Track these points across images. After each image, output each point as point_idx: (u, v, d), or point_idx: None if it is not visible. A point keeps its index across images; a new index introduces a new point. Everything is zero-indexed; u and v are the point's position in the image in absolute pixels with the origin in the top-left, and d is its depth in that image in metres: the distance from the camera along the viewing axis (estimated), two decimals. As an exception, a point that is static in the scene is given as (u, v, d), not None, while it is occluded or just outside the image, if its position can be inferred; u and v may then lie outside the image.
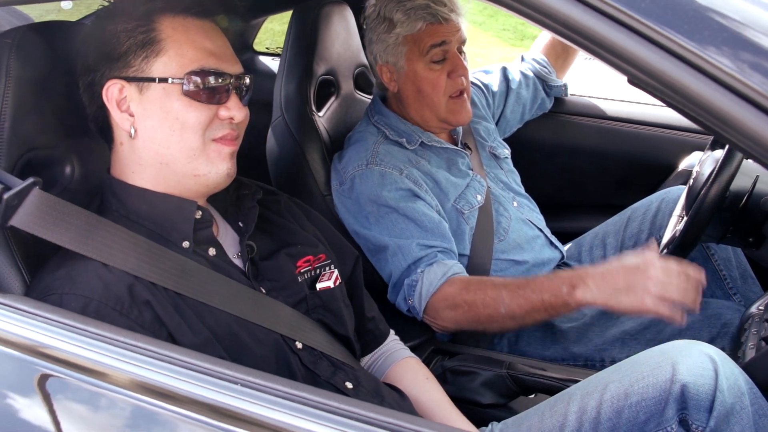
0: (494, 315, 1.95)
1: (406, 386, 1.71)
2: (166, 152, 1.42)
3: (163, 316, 1.32)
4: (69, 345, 1.14)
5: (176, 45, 1.41)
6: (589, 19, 0.81)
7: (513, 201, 2.47)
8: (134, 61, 1.40)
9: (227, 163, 1.47)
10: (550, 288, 1.88)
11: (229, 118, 1.45)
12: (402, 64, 2.27)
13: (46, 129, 1.51)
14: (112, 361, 1.12)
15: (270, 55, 3.56)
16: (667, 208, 2.49)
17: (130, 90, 1.41)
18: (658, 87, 0.81)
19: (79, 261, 1.32)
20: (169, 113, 1.41)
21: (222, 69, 1.44)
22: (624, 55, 0.81)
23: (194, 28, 1.44)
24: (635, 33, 0.80)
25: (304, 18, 2.38)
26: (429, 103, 2.28)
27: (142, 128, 1.42)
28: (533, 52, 2.89)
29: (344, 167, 2.23)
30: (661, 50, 0.79)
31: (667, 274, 1.72)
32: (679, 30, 0.79)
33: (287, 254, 1.62)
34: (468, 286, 2.01)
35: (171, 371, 1.09)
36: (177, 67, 1.41)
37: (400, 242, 2.09)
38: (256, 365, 1.39)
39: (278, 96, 2.38)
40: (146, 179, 1.46)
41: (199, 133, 1.42)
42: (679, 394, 1.36)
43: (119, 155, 1.48)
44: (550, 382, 1.82)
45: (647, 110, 2.95)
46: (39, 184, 1.31)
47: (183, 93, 1.40)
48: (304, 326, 1.54)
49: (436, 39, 2.22)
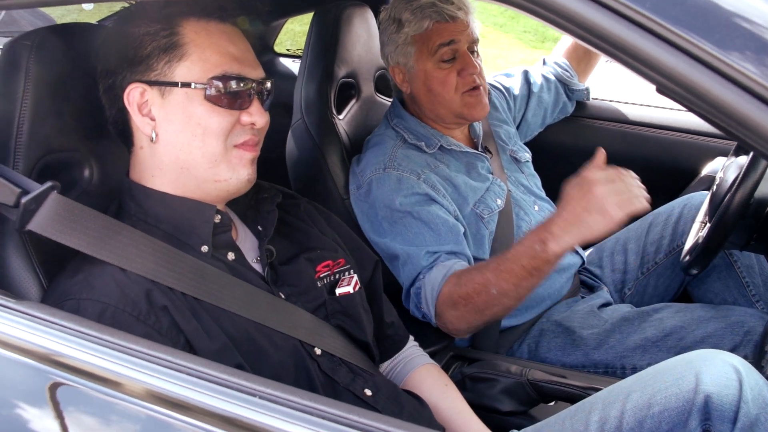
0: (489, 299, 1.91)
1: (425, 393, 1.70)
2: (187, 157, 1.42)
3: (181, 322, 1.32)
4: (82, 353, 1.13)
5: (199, 49, 1.40)
6: (617, 26, 0.79)
7: (534, 205, 2.44)
8: (157, 64, 1.40)
9: (248, 169, 1.46)
10: (524, 252, 1.83)
11: (251, 124, 1.45)
12: (412, 64, 2.26)
13: (65, 131, 1.50)
14: (125, 370, 1.11)
15: (291, 57, 3.56)
16: (689, 214, 2.46)
17: (151, 94, 1.40)
18: (687, 97, 0.79)
19: (97, 266, 1.32)
20: (191, 118, 1.40)
21: (244, 74, 1.43)
22: (654, 64, 0.79)
23: (217, 32, 1.43)
24: (665, 42, 0.78)
25: (325, 20, 2.37)
26: (441, 101, 2.26)
27: (163, 132, 1.42)
28: (555, 56, 2.86)
29: (362, 171, 2.22)
30: (691, 59, 0.77)
31: (609, 180, 1.70)
32: (709, 38, 0.77)
33: (307, 259, 1.61)
34: (459, 281, 1.97)
35: (186, 381, 1.07)
36: (200, 71, 1.40)
37: (410, 250, 2.07)
38: (274, 371, 1.39)
39: (298, 98, 2.37)
40: (166, 183, 1.45)
41: (221, 139, 1.42)
42: (703, 405, 1.34)
43: (139, 159, 1.47)
44: (570, 389, 1.80)
45: (670, 115, 2.91)
46: (57, 188, 1.31)
47: (205, 98, 1.40)
48: (323, 332, 1.53)
49: (444, 38, 2.21)
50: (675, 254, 2.46)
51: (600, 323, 2.21)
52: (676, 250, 2.46)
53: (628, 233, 2.59)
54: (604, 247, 2.62)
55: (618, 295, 2.52)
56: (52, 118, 1.47)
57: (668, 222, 2.50)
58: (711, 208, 2.11)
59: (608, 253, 2.58)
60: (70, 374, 1.14)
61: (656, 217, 2.55)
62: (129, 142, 1.48)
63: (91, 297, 1.28)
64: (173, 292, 1.34)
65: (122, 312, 1.28)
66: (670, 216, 2.51)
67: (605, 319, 2.23)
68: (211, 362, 1.14)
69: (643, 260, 2.51)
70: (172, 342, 1.30)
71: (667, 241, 2.48)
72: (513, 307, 1.97)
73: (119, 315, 1.27)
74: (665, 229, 2.50)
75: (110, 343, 1.11)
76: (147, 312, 1.29)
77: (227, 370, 1.09)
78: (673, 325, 2.15)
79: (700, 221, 2.32)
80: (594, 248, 2.64)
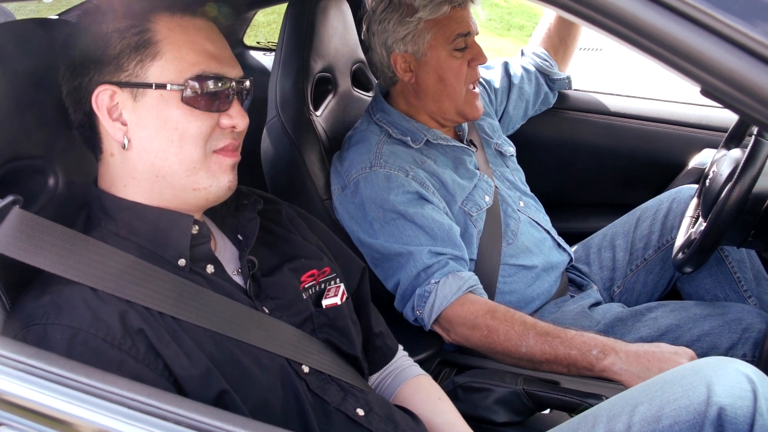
0: (512, 350, 1.88)
1: (417, 407, 1.61)
2: (163, 164, 1.30)
3: (159, 346, 1.20)
4: (30, 391, 1.01)
5: (174, 47, 1.29)
6: (663, 20, 0.70)
7: (520, 201, 2.38)
8: (128, 64, 1.28)
9: (229, 176, 1.36)
10: (580, 345, 1.80)
11: (231, 127, 1.34)
12: (424, 51, 2.15)
13: (26, 137, 1.37)
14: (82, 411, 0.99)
15: (261, 50, 3.44)
16: (678, 209, 2.42)
17: (122, 96, 1.29)
18: (740, 98, 0.70)
19: (66, 286, 1.20)
20: (167, 122, 1.29)
21: (223, 73, 1.33)
22: (703, 62, 0.70)
23: (192, 28, 1.32)
24: (723, 38, 0.69)
25: (300, 12, 2.27)
26: (450, 92, 2.18)
27: (136, 138, 1.30)
28: (532, 46, 2.80)
29: (347, 170, 2.12)
30: (754, 58, 0.68)
31: None
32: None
33: (291, 269, 1.51)
34: (494, 312, 1.92)
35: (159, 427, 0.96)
36: (175, 71, 1.28)
37: (410, 249, 2.00)
38: (262, 395, 1.30)
39: (273, 94, 2.26)
40: (139, 193, 1.33)
41: (199, 144, 1.31)
42: (716, 418, 1.27)
43: (109, 167, 1.35)
44: (567, 398, 1.72)
45: (656, 106, 2.87)
46: (19, 203, 1.19)
47: (182, 100, 1.28)
48: (311, 348, 1.43)
49: (462, 27, 2.14)
50: (664, 250, 2.41)
51: (592, 324, 2.15)
52: (665, 245, 2.41)
53: (616, 228, 2.53)
54: (590, 243, 2.57)
55: (607, 293, 2.47)
56: (12, 123, 1.35)
57: (657, 217, 2.45)
58: (705, 204, 2.06)
59: (596, 250, 2.53)
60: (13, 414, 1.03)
61: (644, 211, 2.50)
62: (97, 148, 1.36)
63: (59, 322, 1.16)
64: (150, 312, 1.23)
65: (94, 337, 1.16)
66: (658, 211, 2.46)
67: (597, 320, 2.17)
68: (191, 402, 1.02)
69: (631, 257, 2.46)
70: (149, 368, 1.18)
71: (656, 237, 2.43)
72: (517, 367, 1.93)
73: (91, 341, 1.15)
74: (654, 225, 2.45)
75: (79, 384, 0.99)
76: (122, 336, 1.17)
77: (209, 412, 0.97)
78: (668, 324, 2.10)
79: (690, 216, 2.27)
80: (580, 244, 2.59)
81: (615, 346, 1.77)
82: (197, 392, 1.21)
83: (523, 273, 2.24)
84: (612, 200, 2.94)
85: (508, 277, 2.21)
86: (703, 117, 2.76)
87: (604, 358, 1.75)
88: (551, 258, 2.32)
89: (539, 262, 2.27)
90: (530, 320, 1.91)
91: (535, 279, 2.26)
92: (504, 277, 2.20)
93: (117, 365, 1.15)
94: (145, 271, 1.26)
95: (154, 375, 1.18)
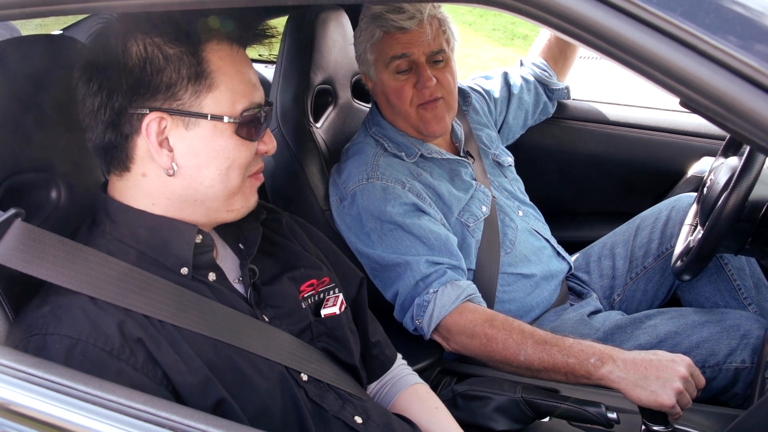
0: (510, 358, 1.88)
1: (415, 415, 1.62)
2: (207, 191, 1.33)
3: (157, 355, 1.22)
4: (31, 399, 1.03)
5: (227, 78, 1.29)
6: (641, 35, 0.72)
7: (518, 210, 2.39)
8: (183, 93, 1.27)
9: (255, 196, 1.42)
10: (578, 354, 1.80)
11: (264, 152, 1.39)
12: (372, 73, 2.21)
13: (31, 151, 1.39)
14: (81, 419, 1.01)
15: (263, 63, 3.47)
16: (677, 217, 2.43)
17: (172, 123, 1.28)
18: (719, 111, 0.72)
19: (65, 296, 1.22)
20: (219, 152, 1.30)
21: (260, 101, 1.35)
22: (681, 76, 0.72)
23: (238, 57, 1.33)
24: (696, 52, 0.71)
25: (300, 25, 2.29)
26: (399, 112, 2.21)
27: (185, 166, 1.30)
28: (532, 56, 2.82)
29: (344, 182, 2.14)
30: (728, 72, 0.70)
31: (687, 381, 1.68)
32: (749, 48, 0.70)
33: (290, 278, 1.53)
34: (493, 321, 1.92)
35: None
36: (229, 103, 1.29)
37: (408, 259, 2.01)
38: (261, 402, 1.31)
39: (274, 107, 2.29)
40: (168, 211, 1.34)
41: (242, 172, 1.35)
42: None
43: (138, 185, 1.34)
44: (566, 405, 1.73)
45: (655, 115, 2.88)
46: (21, 216, 1.21)
47: (236, 132, 1.31)
48: (310, 356, 1.45)
49: (396, 50, 2.13)
50: (664, 258, 2.42)
51: (591, 332, 2.16)
52: (665, 253, 2.42)
53: (616, 237, 2.54)
54: (591, 252, 2.57)
55: (607, 301, 2.47)
56: (16, 137, 1.37)
57: (656, 225, 2.46)
58: (702, 211, 2.06)
59: (595, 258, 2.53)
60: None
61: (643, 220, 2.51)
62: (121, 166, 1.34)
63: (58, 332, 1.18)
64: (149, 320, 1.24)
65: (93, 347, 1.17)
66: (657, 219, 2.47)
67: (597, 328, 2.18)
68: (189, 410, 1.04)
69: (631, 265, 2.47)
70: (148, 377, 1.20)
71: (655, 245, 2.44)
72: (515, 374, 1.94)
73: (90, 350, 1.17)
74: (653, 233, 2.45)
75: (79, 392, 1.00)
76: (120, 346, 1.19)
77: (205, 419, 0.99)
78: (667, 331, 2.10)
79: (689, 224, 2.28)
80: (580, 253, 2.60)
81: (613, 354, 1.77)
82: (195, 400, 1.22)
83: (522, 282, 2.25)
84: (612, 209, 2.96)
85: (507, 285, 2.22)
86: (702, 125, 2.76)
87: (601, 366, 1.75)
88: (550, 266, 2.33)
89: (538, 271, 2.28)
90: (528, 328, 1.91)
91: (534, 287, 2.27)
92: (503, 286, 2.21)
93: (116, 374, 1.17)
94: (146, 280, 1.27)
95: (153, 384, 1.20)
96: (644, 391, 1.67)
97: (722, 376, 2.03)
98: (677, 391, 1.64)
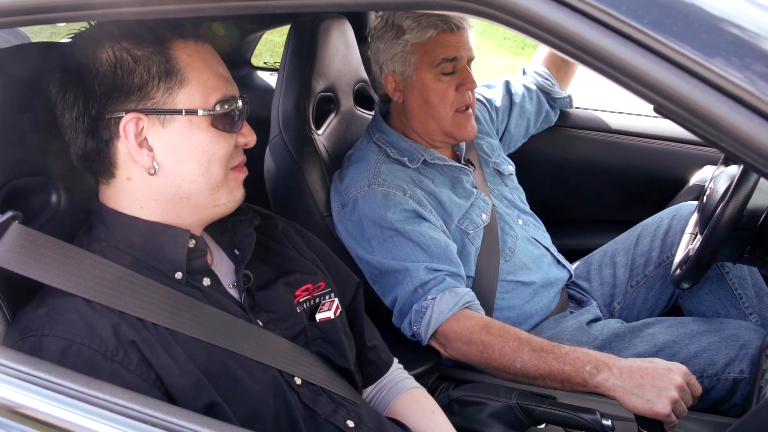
0: (507, 366, 1.88)
1: (411, 420, 1.63)
2: (190, 186, 1.35)
3: (151, 358, 1.24)
4: (26, 398, 1.04)
5: (197, 73, 1.33)
6: (613, 44, 0.73)
7: (518, 219, 2.40)
8: (155, 92, 1.30)
9: (241, 189, 1.44)
10: (574, 361, 1.80)
11: (244, 144, 1.41)
12: (410, 73, 2.19)
13: (30, 156, 1.42)
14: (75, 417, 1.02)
15: (268, 70, 3.49)
16: (678, 225, 2.43)
17: (147, 123, 1.31)
18: (689, 118, 0.73)
19: (61, 298, 1.24)
20: (197, 146, 1.33)
21: (235, 94, 1.38)
22: (652, 83, 0.73)
23: (205, 53, 1.36)
24: (665, 60, 0.72)
25: (302, 33, 2.31)
26: (435, 115, 2.20)
27: (165, 163, 1.33)
28: (534, 65, 2.82)
29: (346, 188, 2.16)
30: (695, 78, 0.71)
31: (683, 390, 1.68)
32: (714, 56, 0.71)
33: (285, 283, 1.54)
34: (490, 328, 1.93)
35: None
36: (201, 97, 1.32)
37: (407, 265, 2.02)
38: (253, 406, 1.32)
39: (276, 114, 2.30)
40: (157, 213, 1.36)
41: (224, 164, 1.37)
42: None
43: (124, 190, 1.36)
44: (561, 412, 1.73)
45: (657, 123, 2.88)
46: (19, 218, 1.24)
47: (211, 124, 1.33)
48: (304, 360, 1.46)
49: (448, 52, 2.15)
50: (665, 266, 2.42)
51: (590, 340, 2.16)
52: (665, 262, 2.42)
53: (617, 245, 2.54)
54: (591, 260, 2.58)
55: (607, 309, 2.47)
56: (14, 143, 1.39)
57: (657, 233, 2.46)
58: (702, 220, 2.07)
59: (596, 266, 2.54)
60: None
61: (644, 228, 2.51)
62: (107, 173, 1.36)
63: (53, 333, 1.20)
64: (143, 323, 1.26)
65: (87, 349, 1.19)
66: (658, 227, 2.47)
67: (595, 336, 2.18)
68: (180, 410, 1.05)
69: (632, 273, 2.47)
70: (141, 378, 1.22)
71: (656, 253, 2.44)
72: (512, 381, 1.93)
73: (84, 352, 1.19)
74: (654, 241, 2.45)
75: (72, 391, 1.02)
76: (114, 348, 1.21)
77: (198, 420, 1.01)
78: (665, 340, 2.10)
79: (690, 232, 2.28)
80: (581, 261, 2.60)
81: (608, 362, 1.77)
82: (187, 402, 1.23)
83: (521, 289, 2.25)
84: (613, 217, 2.96)
85: (506, 293, 2.23)
86: (704, 134, 2.76)
87: (597, 374, 1.75)
88: (550, 274, 2.34)
89: (537, 279, 2.29)
90: (525, 336, 1.91)
91: (534, 295, 2.27)
92: (502, 293, 2.22)
93: (110, 375, 1.18)
94: (140, 284, 1.29)
95: (146, 385, 1.22)
96: (639, 399, 1.67)
97: (720, 386, 2.02)
98: (673, 400, 1.64)
